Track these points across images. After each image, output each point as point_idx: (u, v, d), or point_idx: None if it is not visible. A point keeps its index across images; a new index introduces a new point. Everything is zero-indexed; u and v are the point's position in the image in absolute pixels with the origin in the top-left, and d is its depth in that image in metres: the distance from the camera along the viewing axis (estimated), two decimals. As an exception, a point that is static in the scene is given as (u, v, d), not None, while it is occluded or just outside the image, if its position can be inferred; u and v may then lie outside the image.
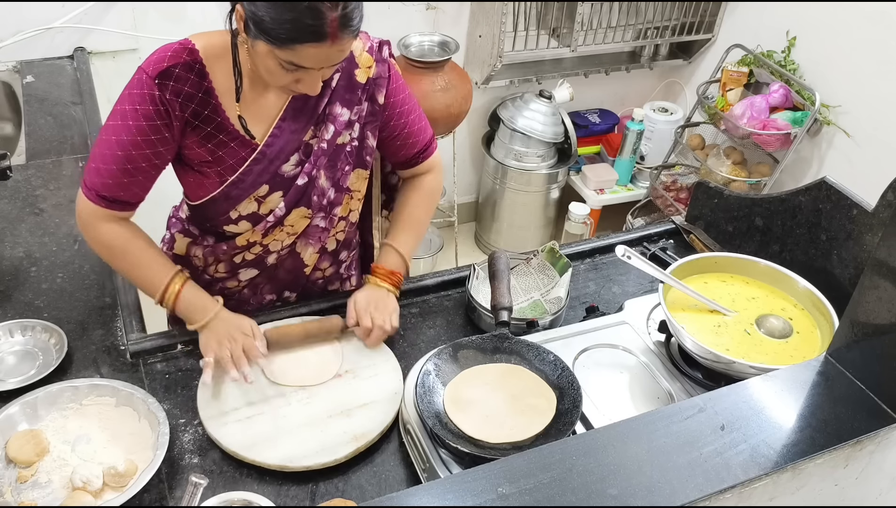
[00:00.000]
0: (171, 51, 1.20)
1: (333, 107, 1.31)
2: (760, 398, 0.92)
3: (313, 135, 1.32)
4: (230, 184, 1.29)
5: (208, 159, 1.27)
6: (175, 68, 1.19)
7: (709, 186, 1.69)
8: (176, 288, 1.31)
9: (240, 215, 1.34)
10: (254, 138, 1.27)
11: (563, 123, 3.05)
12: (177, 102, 1.20)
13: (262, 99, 1.27)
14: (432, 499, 0.78)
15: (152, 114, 1.19)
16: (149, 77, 1.18)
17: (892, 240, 0.88)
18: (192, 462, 1.19)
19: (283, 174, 1.32)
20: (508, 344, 1.29)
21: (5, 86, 2.20)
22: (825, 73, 2.66)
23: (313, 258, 1.47)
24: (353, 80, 1.32)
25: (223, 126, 1.25)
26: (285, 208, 1.34)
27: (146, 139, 1.21)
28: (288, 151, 1.30)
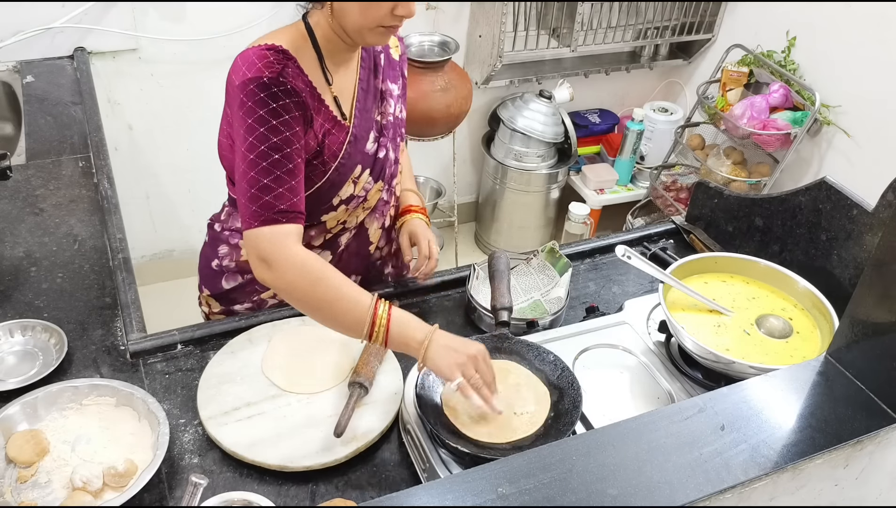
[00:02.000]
0: (268, 56, 1.19)
1: (387, 84, 1.41)
2: (760, 398, 0.92)
3: (378, 112, 1.40)
4: (334, 170, 1.31)
5: (317, 150, 1.28)
6: (287, 68, 1.20)
7: (709, 187, 1.69)
8: (386, 308, 1.16)
9: (340, 200, 1.37)
10: (346, 119, 1.33)
11: (563, 123, 3.05)
12: (299, 98, 1.21)
13: (343, 81, 1.33)
14: (432, 499, 0.78)
15: (291, 107, 1.19)
16: (271, 78, 1.17)
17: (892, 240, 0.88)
18: (192, 462, 1.19)
19: (368, 152, 1.37)
20: (508, 344, 1.29)
21: (5, 86, 2.20)
22: (825, 73, 2.66)
23: (377, 235, 1.51)
24: (391, 58, 1.44)
25: (326, 113, 1.29)
26: (373, 182, 1.40)
27: (294, 133, 1.20)
28: (367, 128, 1.37)
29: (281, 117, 1.18)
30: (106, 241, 1.59)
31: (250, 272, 1.41)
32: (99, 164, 1.82)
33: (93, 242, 1.60)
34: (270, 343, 1.37)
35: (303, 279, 1.17)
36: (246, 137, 1.18)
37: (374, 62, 1.39)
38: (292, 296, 1.19)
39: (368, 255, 1.53)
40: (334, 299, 1.17)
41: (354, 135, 1.33)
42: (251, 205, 1.18)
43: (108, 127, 2.20)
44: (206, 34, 2.51)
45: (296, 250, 1.18)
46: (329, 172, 1.31)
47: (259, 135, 1.18)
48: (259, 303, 1.51)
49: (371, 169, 1.38)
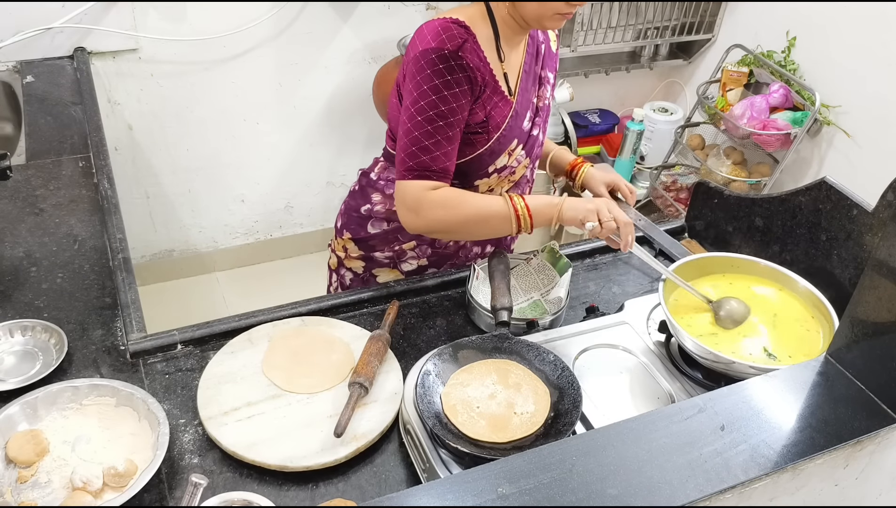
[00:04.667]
0: (452, 29, 1.31)
1: (545, 71, 1.51)
2: (760, 398, 0.92)
3: (536, 95, 1.50)
4: (496, 140, 1.41)
5: (483, 120, 1.38)
6: (466, 42, 1.31)
7: (709, 187, 1.69)
8: (522, 203, 1.37)
9: (496, 168, 1.45)
10: (511, 95, 1.42)
11: (563, 123, 3.05)
12: (475, 72, 1.32)
13: (512, 60, 1.42)
14: (432, 499, 0.78)
15: (462, 81, 1.31)
16: (451, 52, 1.29)
17: (892, 240, 0.88)
18: (192, 462, 1.19)
19: (524, 129, 1.47)
20: (508, 344, 1.29)
21: (5, 86, 2.20)
22: (825, 73, 2.66)
23: None
24: (550, 49, 1.53)
25: (496, 88, 1.38)
26: (525, 157, 1.50)
27: (459, 105, 1.32)
28: (526, 106, 1.46)
29: (452, 89, 1.31)
30: (106, 241, 1.59)
31: (397, 221, 1.51)
32: (99, 164, 1.82)
33: (93, 242, 1.60)
34: (270, 343, 1.37)
35: (447, 213, 1.36)
36: (418, 99, 1.32)
37: (538, 49, 1.49)
38: (441, 230, 1.40)
39: None
40: (478, 218, 1.38)
41: (516, 111, 1.43)
42: (408, 160, 1.34)
43: (108, 127, 2.20)
44: (206, 34, 2.51)
45: (435, 194, 1.36)
46: (490, 141, 1.41)
47: (430, 101, 1.31)
48: (399, 254, 1.60)
49: (524, 145, 1.48)
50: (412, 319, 1.49)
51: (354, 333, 1.41)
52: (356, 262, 1.65)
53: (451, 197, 1.36)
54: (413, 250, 1.59)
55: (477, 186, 1.48)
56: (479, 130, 1.39)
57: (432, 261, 1.61)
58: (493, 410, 1.18)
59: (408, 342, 1.44)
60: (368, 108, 2.78)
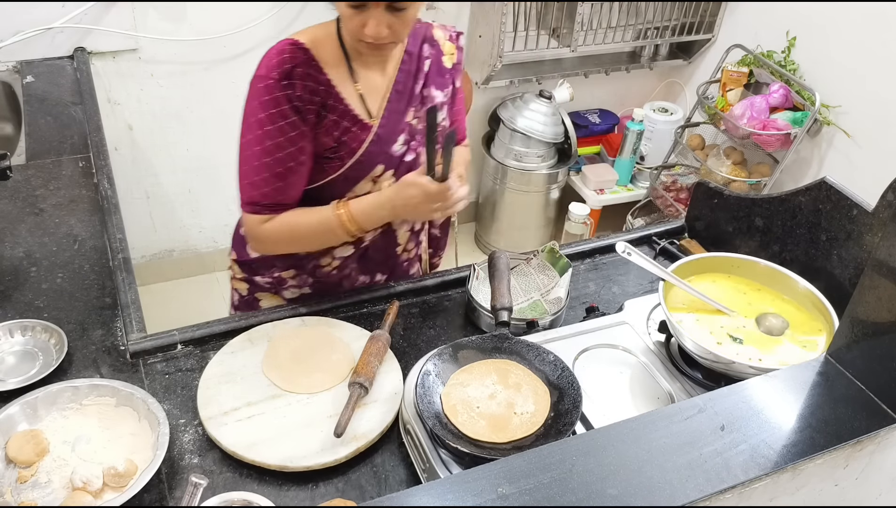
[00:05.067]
0: (285, 52, 1.25)
1: (429, 89, 1.42)
2: (760, 398, 0.92)
3: (414, 116, 1.41)
4: (350, 167, 1.35)
5: (333, 146, 1.33)
6: (296, 68, 1.25)
7: (709, 187, 1.69)
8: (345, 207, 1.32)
9: (356, 195, 1.39)
10: (371, 117, 1.35)
11: (563, 123, 3.05)
12: (306, 98, 1.26)
13: (372, 80, 1.35)
14: (432, 499, 0.78)
15: (288, 113, 1.25)
16: (275, 81, 1.24)
17: (892, 240, 0.88)
18: (192, 462, 1.19)
19: (394, 153, 1.40)
20: (508, 344, 1.29)
21: (5, 86, 2.20)
22: (825, 73, 2.66)
23: (405, 237, 1.53)
24: (442, 65, 1.44)
25: (346, 112, 1.32)
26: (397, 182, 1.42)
27: (288, 138, 1.27)
28: (397, 130, 1.39)
29: (277, 123, 1.25)
30: (106, 241, 1.59)
31: None
32: (99, 164, 1.82)
33: (93, 242, 1.60)
34: (270, 343, 1.37)
35: (281, 241, 1.37)
36: (245, 132, 1.28)
37: (418, 66, 1.40)
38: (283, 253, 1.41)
39: (395, 256, 1.55)
40: (310, 238, 1.37)
41: (379, 135, 1.36)
42: (242, 194, 1.33)
43: (108, 127, 2.19)
44: (206, 34, 2.51)
45: (267, 227, 1.34)
46: (344, 167, 1.35)
47: (256, 136, 1.27)
48: (279, 281, 1.53)
49: (396, 171, 1.40)
50: (412, 319, 1.49)
51: (354, 333, 1.41)
52: (241, 284, 1.59)
53: (281, 230, 1.34)
54: (293, 279, 1.53)
55: None
56: (329, 155, 1.33)
57: (316, 289, 1.54)
58: (493, 410, 1.18)
59: (408, 342, 1.44)
60: (368, 108, 2.78)
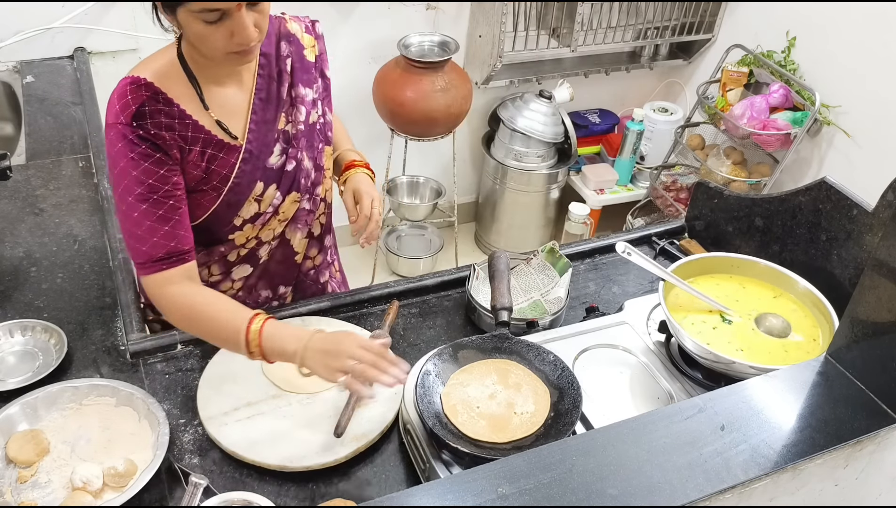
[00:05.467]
0: (128, 94, 1.19)
1: (297, 89, 1.34)
2: (760, 398, 0.92)
3: (287, 121, 1.34)
4: (227, 192, 1.29)
5: (203, 176, 1.27)
6: (144, 107, 1.18)
7: (709, 187, 1.69)
8: (259, 327, 1.17)
9: (244, 220, 1.34)
10: (236, 138, 1.28)
11: (563, 123, 3.05)
12: (162, 135, 1.20)
13: (229, 99, 1.28)
14: (432, 499, 0.78)
15: (150, 151, 1.19)
16: (125, 125, 1.18)
17: (892, 240, 0.88)
18: (192, 462, 1.19)
19: (272, 167, 1.33)
20: (508, 344, 1.29)
21: (5, 86, 2.20)
22: (825, 73, 2.66)
23: (302, 244, 1.47)
24: (305, 60, 1.36)
25: (208, 140, 1.25)
26: (281, 197, 1.35)
27: (159, 177, 1.20)
28: (269, 142, 1.32)
29: (141, 165, 1.18)
30: (106, 241, 1.59)
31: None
32: (99, 164, 1.82)
33: (93, 242, 1.60)
34: (270, 343, 1.37)
35: (181, 318, 1.25)
36: (115, 184, 1.21)
37: (279, 69, 1.32)
38: (182, 328, 1.29)
39: (296, 265, 1.50)
40: (211, 330, 1.23)
41: (250, 152, 1.29)
42: (132, 254, 1.24)
43: (108, 127, 2.19)
44: (206, 34, 2.51)
45: (172, 294, 1.23)
46: (223, 195, 1.29)
47: (125, 186, 1.19)
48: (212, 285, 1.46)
49: (278, 183, 1.34)
50: (412, 319, 1.49)
51: (356, 332, 1.41)
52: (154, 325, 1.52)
53: (185, 304, 1.22)
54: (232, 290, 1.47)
55: (234, 241, 1.37)
56: (202, 187, 1.27)
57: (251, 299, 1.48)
58: (493, 410, 1.18)
59: (408, 342, 1.44)
60: (368, 108, 2.78)
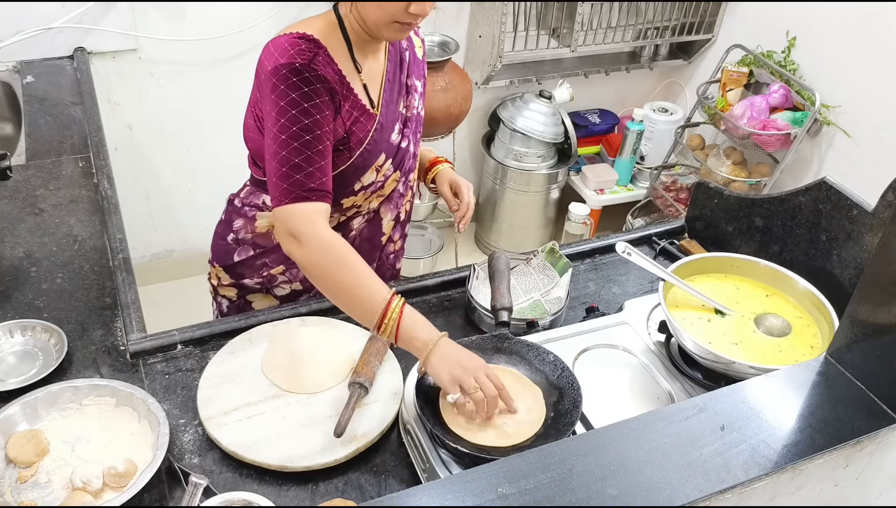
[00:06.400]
0: (300, 44, 1.23)
1: (412, 79, 1.46)
2: (760, 398, 0.92)
3: (404, 105, 1.44)
4: (359, 156, 1.35)
5: (343, 136, 1.32)
6: (317, 56, 1.24)
7: (709, 187, 1.69)
8: (399, 305, 1.17)
9: (362, 186, 1.40)
10: (374, 107, 1.36)
11: (563, 123, 3.05)
12: (328, 88, 1.25)
13: (372, 70, 1.36)
14: (432, 499, 0.78)
15: (322, 92, 1.23)
16: (303, 64, 1.21)
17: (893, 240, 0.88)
18: (192, 462, 1.19)
19: (392, 142, 1.41)
20: (508, 344, 1.29)
21: (5, 86, 2.20)
22: (825, 73, 2.66)
23: (390, 226, 1.55)
24: (416, 56, 1.48)
25: (355, 102, 1.32)
26: (392, 170, 1.44)
27: (324, 117, 1.24)
28: (392, 119, 1.41)
29: (312, 101, 1.22)
30: (106, 241, 1.59)
31: (263, 247, 1.49)
32: (99, 164, 1.82)
33: (93, 242, 1.60)
34: (270, 343, 1.37)
35: (327, 259, 1.19)
36: (278, 118, 1.22)
37: (400, 57, 1.43)
38: (314, 273, 1.21)
39: (380, 246, 1.56)
40: (353, 284, 1.18)
41: (381, 124, 1.37)
42: (282, 183, 1.22)
43: (108, 127, 2.20)
44: (206, 34, 2.51)
45: (325, 230, 1.21)
46: (354, 157, 1.35)
47: (291, 117, 1.22)
48: (269, 279, 1.54)
49: (393, 158, 1.42)
50: (412, 319, 1.49)
51: (354, 333, 1.41)
52: (229, 290, 1.59)
53: (339, 247, 1.20)
54: (283, 275, 1.52)
55: (342, 205, 1.41)
56: (339, 147, 1.32)
57: (306, 285, 1.53)
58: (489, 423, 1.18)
59: (408, 342, 1.43)
60: (368, 108, 2.78)
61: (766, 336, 1.31)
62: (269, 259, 1.51)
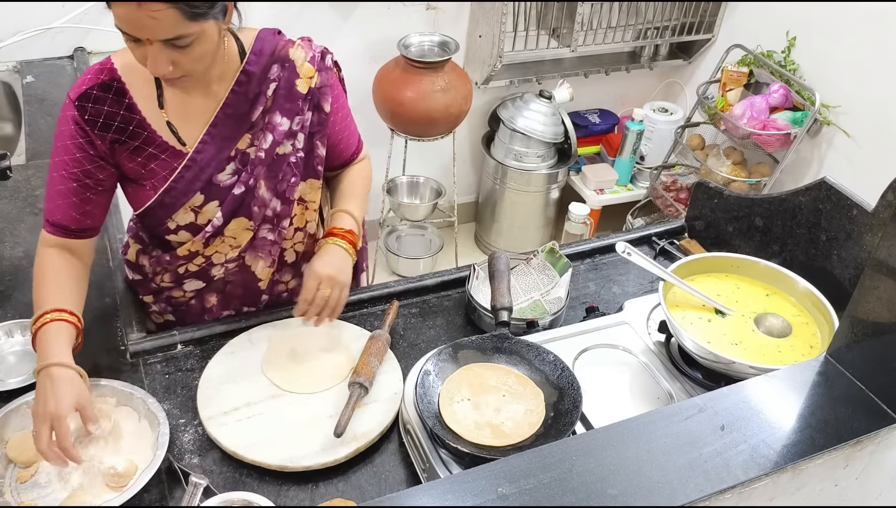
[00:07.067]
0: (90, 73, 1.23)
1: (272, 116, 1.30)
2: (760, 398, 0.92)
3: (250, 143, 1.31)
4: (162, 193, 1.29)
5: (141, 172, 1.28)
6: (93, 90, 1.22)
7: (709, 187, 1.69)
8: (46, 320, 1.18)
9: (178, 225, 1.33)
10: (185, 145, 1.28)
11: (563, 123, 3.05)
12: (97, 123, 1.22)
13: (192, 104, 1.27)
14: (432, 499, 0.78)
15: (75, 133, 1.23)
16: (70, 101, 1.22)
17: (892, 240, 0.88)
18: (192, 462, 1.19)
19: (219, 183, 1.31)
20: (508, 344, 1.29)
21: (5, 86, 2.20)
22: (825, 73, 2.66)
23: (266, 273, 1.44)
24: (294, 90, 1.31)
25: (151, 139, 1.26)
26: (223, 217, 1.32)
27: (73, 159, 1.23)
28: (221, 158, 1.30)
29: (64, 141, 1.23)
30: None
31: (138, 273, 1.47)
32: (99, 164, 1.82)
33: (93, 242, 1.59)
34: (270, 343, 1.37)
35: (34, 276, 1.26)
36: (55, 142, 1.25)
37: (258, 91, 1.29)
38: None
39: (260, 291, 1.47)
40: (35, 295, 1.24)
41: (194, 160, 1.28)
42: (46, 205, 1.27)
43: (108, 127, 2.19)
44: (206, 34, 2.51)
45: (42, 253, 1.27)
46: (158, 194, 1.29)
47: (55, 147, 1.24)
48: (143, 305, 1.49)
49: (221, 202, 1.31)
50: (412, 319, 1.49)
51: (354, 333, 1.41)
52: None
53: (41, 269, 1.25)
54: (154, 305, 1.50)
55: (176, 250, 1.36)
56: (141, 182, 1.28)
57: (179, 317, 1.50)
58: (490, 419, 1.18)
59: (408, 342, 1.44)
60: (368, 108, 2.78)
61: (766, 336, 1.31)
62: (141, 288, 1.48)
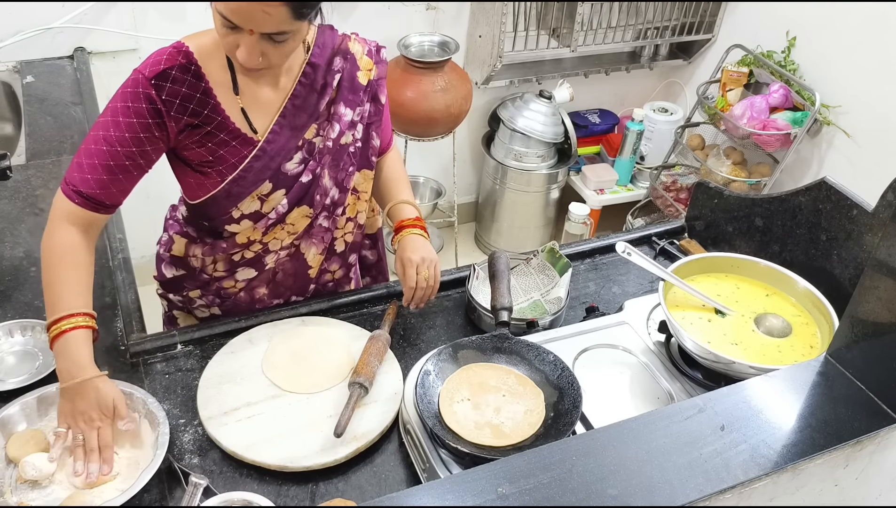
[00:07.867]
0: (166, 54, 1.21)
1: (338, 107, 1.34)
2: (760, 398, 0.92)
3: (317, 133, 1.33)
4: (231, 181, 1.29)
5: (209, 159, 1.27)
6: (171, 70, 1.20)
7: (709, 187, 1.69)
8: (64, 327, 1.17)
9: (242, 214, 1.33)
10: (256, 133, 1.28)
11: (563, 123, 3.05)
12: (174, 104, 1.21)
13: (262, 94, 1.28)
14: (432, 499, 0.78)
15: (145, 113, 1.20)
16: (145, 78, 1.19)
17: (892, 240, 0.88)
18: (192, 462, 1.19)
19: (287, 172, 1.32)
20: (508, 344, 1.29)
21: (5, 86, 2.20)
22: (825, 73, 2.66)
23: (317, 260, 1.46)
24: (356, 81, 1.35)
25: (224, 125, 1.26)
26: (288, 205, 1.34)
27: (134, 137, 1.21)
28: (290, 148, 1.31)
29: (128, 118, 1.20)
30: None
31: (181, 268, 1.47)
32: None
33: (93, 242, 1.59)
34: (270, 343, 1.37)
35: (49, 255, 1.21)
36: (102, 115, 1.22)
37: (324, 82, 1.31)
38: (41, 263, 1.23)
39: (312, 278, 1.49)
40: (50, 284, 1.20)
41: (264, 150, 1.29)
42: (71, 171, 1.22)
43: (108, 127, 2.19)
44: (206, 34, 2.51)
45: (65, 230, 1.22)
46: (225, 183, 1.29)
47: (106, 120, 1.21)
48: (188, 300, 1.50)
49: (287, 190, 1.33)
50: (412, 319, 1.49)
51: (354, 333, 1.41)
52: (161, 300, 1.56)
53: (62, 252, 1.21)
54: (200, 299, 1.49)
55: (231, 233, 1.36)
56: (206, 169, 1.28)
57: (226, 309, 1.49)
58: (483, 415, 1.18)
59: (408, 342, 1.44)
60: (368, 108, 2.78)
61: (765, 336, 1.31)
62: (188, 281, 1.47)
